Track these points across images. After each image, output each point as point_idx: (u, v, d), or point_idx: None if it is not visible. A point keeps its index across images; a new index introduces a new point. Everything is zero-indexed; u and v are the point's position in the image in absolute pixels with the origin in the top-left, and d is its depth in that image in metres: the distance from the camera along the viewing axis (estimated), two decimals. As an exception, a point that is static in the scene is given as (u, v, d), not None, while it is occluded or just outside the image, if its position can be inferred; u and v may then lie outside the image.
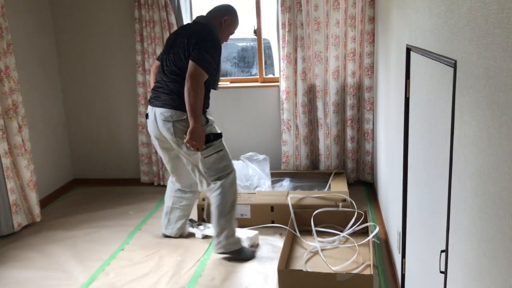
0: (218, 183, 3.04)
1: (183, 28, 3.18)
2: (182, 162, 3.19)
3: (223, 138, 3.09)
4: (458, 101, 1.30)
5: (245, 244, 3.24)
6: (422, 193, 1.91)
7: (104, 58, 4.48)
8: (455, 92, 1.32)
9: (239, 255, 3.13)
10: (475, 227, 1.17)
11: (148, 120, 3.11)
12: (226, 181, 3.04)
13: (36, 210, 3.78)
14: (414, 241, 2.14)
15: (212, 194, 3.09)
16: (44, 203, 4.15)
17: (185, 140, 2.90)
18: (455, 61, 1.31)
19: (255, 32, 4.39)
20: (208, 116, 3.07)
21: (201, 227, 3.46)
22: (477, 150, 1.14)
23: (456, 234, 1.35)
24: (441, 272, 1.50)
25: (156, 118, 3.00)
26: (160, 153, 3.25)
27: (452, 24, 1.34)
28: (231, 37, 3.24)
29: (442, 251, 1.48)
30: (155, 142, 3.19)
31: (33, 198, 3.75)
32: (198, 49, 2.90)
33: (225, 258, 3.13)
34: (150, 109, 3.06)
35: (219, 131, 3.08)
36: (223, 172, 3.05)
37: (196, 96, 2.85)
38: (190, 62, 2.89)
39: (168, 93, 2.96)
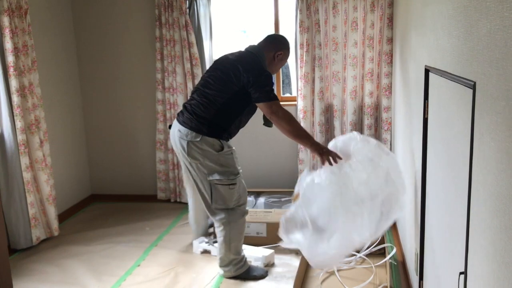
0: (223, 215, 3.01)
1: (231, 54, 3.10)
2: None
3: (240, 175, 3.04)
4: (478, 122, 1.30)
5: (258, 262, 3.22)
6: (440, 214, 1.89)
7: (125, 76, 4.56)
8: (474, 113, 1.33)
9: (249, 275, 3.11)
10: (494, 248, 1.16)
11: (170, 131, 3.14)
12: (233, 215, 3.02)
13: (55, 224, 3.83)
14: (432, 263, 2.12)
15: (216, 226, 3.07)
16: (62, 217, 4.20)
17: (323, 165, 2.74)
18: (474, 83, 1.31)
19: (273, 51, 4.42)
20: (228, 144, 3.02)
21: (217, 244, 3.45)
22: (496, 171, 1.14)
23: (475, 256, 1.34)
24: (460, 294, 1.48)
25: (175, 133, 3.04)
26: (182, 167, 3.23)
27: (472, 46, 1.35)
28: None
29: (461, 273, 1.47)
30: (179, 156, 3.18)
31: (52, 212, 3.80)
32: (259, 88, 2.88)
33: (240, 277, 3.12)
34: (175, 123, 3.09)
35: (238, 168, 3.04)
36: (230, 205, 3.02)
37: (290, 129, 2.89)
38: (259, 105, 2.91)
39: (190, 113, 2.99)
